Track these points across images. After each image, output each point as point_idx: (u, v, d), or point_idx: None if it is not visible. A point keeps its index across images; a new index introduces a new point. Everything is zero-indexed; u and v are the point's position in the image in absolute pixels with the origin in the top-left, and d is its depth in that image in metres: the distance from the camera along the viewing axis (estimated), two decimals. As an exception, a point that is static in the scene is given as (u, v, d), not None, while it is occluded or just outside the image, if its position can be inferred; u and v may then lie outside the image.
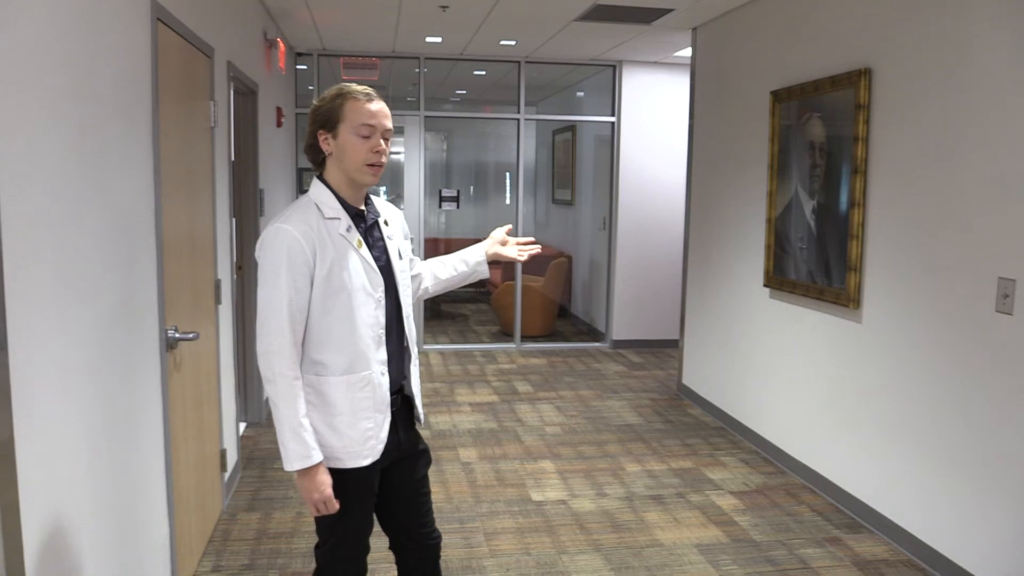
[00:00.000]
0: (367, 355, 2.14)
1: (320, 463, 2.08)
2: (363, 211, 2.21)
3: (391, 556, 2.46)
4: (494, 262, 2.58)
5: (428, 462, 2.41)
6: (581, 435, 5.22)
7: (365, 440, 2.16)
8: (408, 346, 2.29)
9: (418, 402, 2.36)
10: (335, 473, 2.16)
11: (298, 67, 7.61)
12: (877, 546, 3.65)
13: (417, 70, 7.68)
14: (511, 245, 2.58)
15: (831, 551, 3.60)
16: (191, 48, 3.34)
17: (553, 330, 8.60)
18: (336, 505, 2.12)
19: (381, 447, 2.19)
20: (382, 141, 2.13)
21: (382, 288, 2.18)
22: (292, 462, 2.06)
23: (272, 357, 2.04)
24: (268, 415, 5.47)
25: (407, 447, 2.32)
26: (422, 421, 2.38)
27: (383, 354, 2.18)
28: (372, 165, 2.12)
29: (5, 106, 1.64)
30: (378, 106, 2.13)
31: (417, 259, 2.51)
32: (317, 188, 2.17)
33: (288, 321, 2.04)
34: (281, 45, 6.17)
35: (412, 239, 2.49)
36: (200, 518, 3.44)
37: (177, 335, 2.97)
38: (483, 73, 8.49)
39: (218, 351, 3.86)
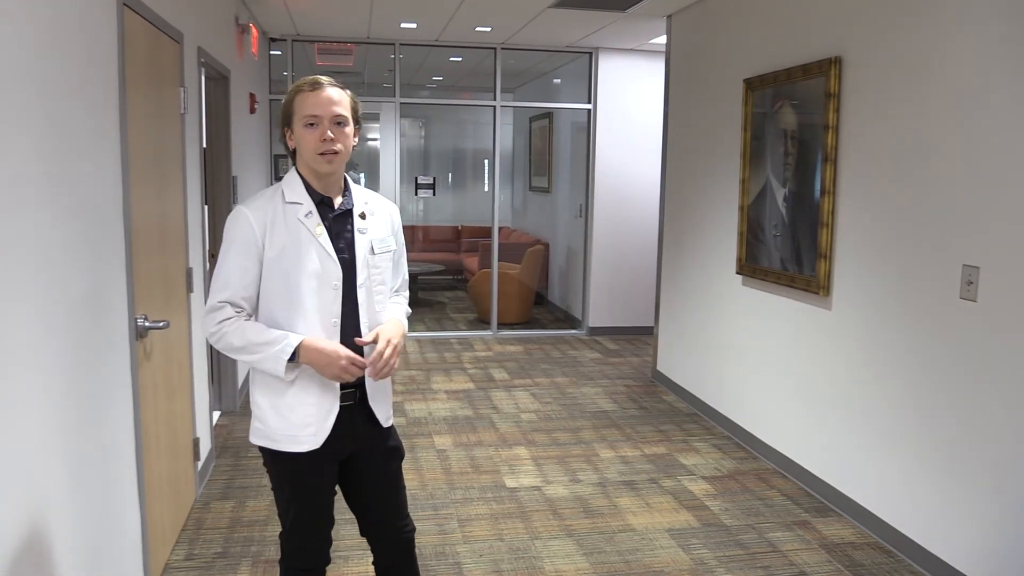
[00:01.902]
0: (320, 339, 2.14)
1: (303, 340, 2.09)
2: (330, 199, 2.21)
3: (366, 543, 2.46)
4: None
5: (398, 457, 2.37)
6: (556, 422, 5.25)
7: (304, 426, 2.17)
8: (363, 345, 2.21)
9: (376, 405, 2.26)
10: (273, 455, 2.21)
11: (272, 52, 7.54)
12: (845, 529, 3.71)
13: (392, 56, 7.64)
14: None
15: (800, 534, 3.66)
16: (159, 33, 3.30)
17: (530, 317, 8.62)
18: (359, 358, 2.12)
19: (322, 437, 2.17)
20: (335, 127, 2.12)
21: (339, 278, 2.17)
22: (280, 364, 2.09)
23: (210, 315, 2.14)
24: (242, 403, 5.45)
25: (368, 442, 2.28)
26: (384, 423, 2.30)
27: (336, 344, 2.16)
28: (324, 153, 2.12)
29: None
30: (322, 94, 2.12)
31: (405, 281, 2.47)
32: (288, 175, 2.23)
33: (228, 294, 2.12)
34: (254, 30, 6.11)
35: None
36: (173, 507, 3.43)
37: (147, 324, 2.95)
38: (459, 59, 8.46)
39: (190, 339, 3.84)
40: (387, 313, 2.31)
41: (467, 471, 4.36)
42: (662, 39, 6.60)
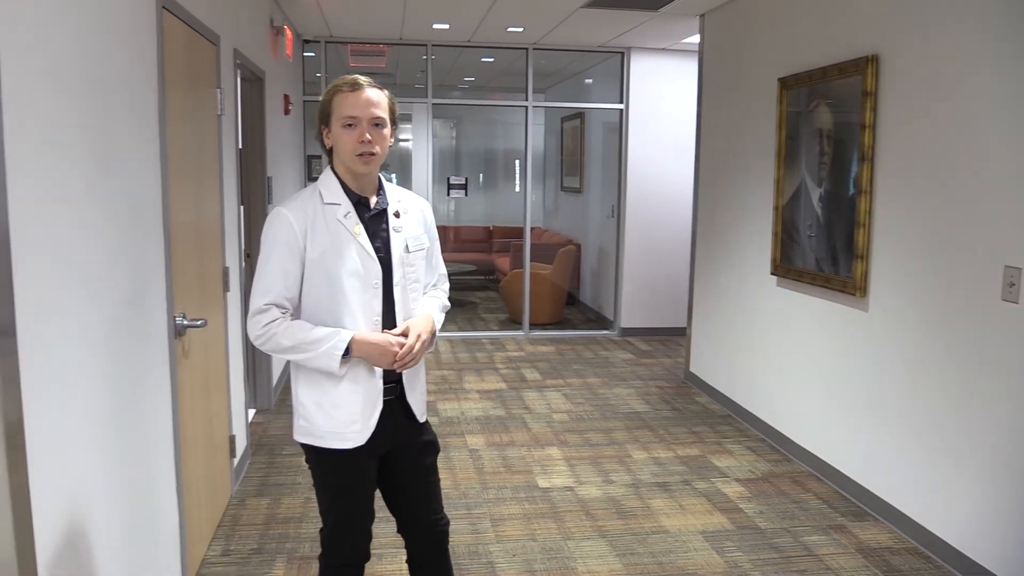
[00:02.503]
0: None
1: (354, 335, 2.12)
2: (367, 199, 2.22)
3: (401, 540, 2.48)
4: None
5: (434, 451, 2.41)
6: (588, 422, 5.24)
7: (350, 423, 2.19)
8: None
9: (413, 400, 2.30)
10: (317, 452, 2.23)
11: (305, 54, 7.61)
12: (882, 534, 3.66)
13: (425, 57, 7.67)
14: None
15: (836, 538, 3.61)
16: (197, 36, 3.35)
17: (561, 318, 8.61)
18: (405, 341, 2.14)
19: (367, 434, 2.20)
20: (372, 129, 2.14)
21: (379, 277, 2.19)
22: (335, 360, 2.11)
23: (255, 318, 2.14)
24: (277, 401, 5.51)
25: (405, 437, 2.31)
26: (419, 420, 2.33)
27: None
28: (361, 155, 2.13)
29: (13, 100, 1.65)
30: (361, 96, 2.13)
31: (442, 275, 2.49)
32: (324, 175, 2.26)
33: (272, 296, 2.14)
34: (288, 32, 6.17)
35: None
36: (209, 503, 3.48)
37: (185, 322, 2.99)
38: (491, 60, 8.47)
39: (226, 338, 3.89)
40: (421, 308, 2.33)
41: (500, 471, 4.37)
42: (695, 38, 6.55)
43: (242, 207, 4.64)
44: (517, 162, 11.50)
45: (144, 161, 2.61)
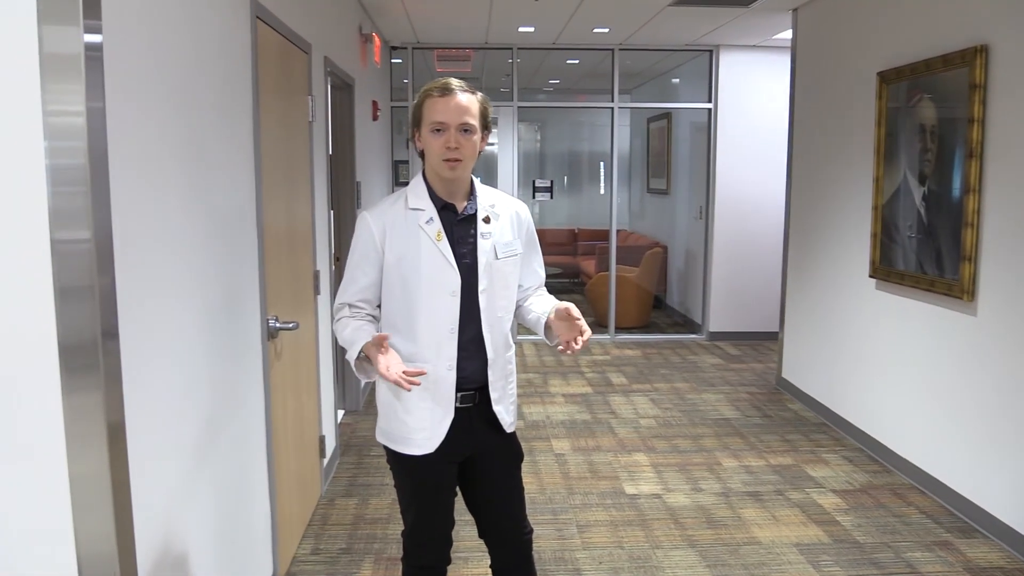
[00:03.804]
0: (433, 348, 2.15)
1: (363, 347, 2.10)
2: (454, 205, 2.21)
3: (485, 545, 2.46)
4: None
5: (517, 461, 2.35)
6: (676, 428, 5.13)
7: (419, 430, 2.20)
8: (487, 350, 2.21)
9: (501, 408, 2.26)
10: (393, 454, 2.27)
11: (393, 60, 7.72)
12: (992, 552, 3.45)
13: (510, 60, 7.69)
14: (571, 325, 2.13)
15: (941, 556, 3.42)
16: (289, 45, 3.42)
17: (648, 321, 8.49)
18: (411, 373, 2.02)
19: (436, 442, 2.19)
20: (460, 135, 2.10)
21: (457, 284, 2.15)
22: (353, 365, 2.19)
23: (334, 314, 2.29)
24: (366, 402, 5.60)
25: (486, 445, 2.28)
26: (507, 428, 2.29)
27: (452, 350, 2.16)
28: (447, 160, 2.12)
29: (116, 111, 1.70)
30: (451, 101, 2.10)
31: (541, 279, 2.44)
32: (414, 180, 2.27)
33: (347, 297, 2.23)
34: (376, 39, 6.27)
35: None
36: (300, 502, 3.55)
37: (278, 325, 3.06)
38: (576, 62, 8.43)
39: (317, 340, 3.96)
40: (540, 304, 2.32)
41: (586, 476, 4.32)
42: (787, 34, 6.36)
43: (332, 212, 4.73)
44: (603, 164, 11.41)
45: (239, 168, 2.68)
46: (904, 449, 4.33)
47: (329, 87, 4.50)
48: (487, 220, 2.23)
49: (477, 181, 2.29)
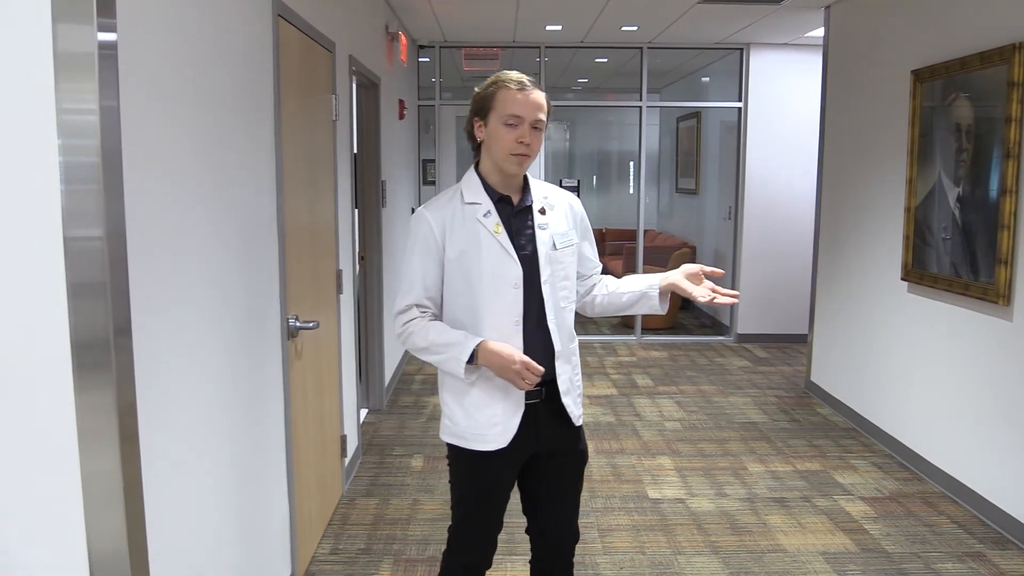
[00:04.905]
0: (499, 342, 2.13)
1: (482, 341, 2.10)
2: (509, 197, 2.20)
3: (524, 545, 2.43)
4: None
5: (582, 461, 2.35)
6: (701, 432, 5.07)
7: (491, 425, 2.17)
8: (553, 341, 2.21)
9: (570, 400, 2.25)
10: (457, 452, 2.23)
11: (420, 59, 7.72)
12: (1027, 564, 3.36)
13: (538, 59, 7.65)
14: (702, 285, 2.32)
15: (973, 567, 3.33)
16: (312, 43, 3.42)
17: (675, 323, 8.41)
18: (534, 364, 2.08)
19: (509, 436, 2.17)
20: (532, 131, 2.12)
21: (519, 276, 2.15)
22: (460, 365, 2.11)
23: (398, 317, 2.21)
24: (389, 402, 5.59)
25: (552, 442, 2.26)
26: (575, 421, 2.28)
27: (519, 343, 2.15)
28: (517, 155, 2.11)
29: (134, 109, 1.70)
30: (530, 96, 2.11)
31: (598, 265, 2.44)
32: (468, 174, 2.25)
33: (413, 297, 2.18)
34: (403, 38, 6.27)
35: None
36: (320, 501, 3.54)
37: (298, 324, 3.05)
38: (604, 60, 8.37)
39: (339, 339, 3.96)
40: (631, 283, 2.35)
41: (608, 479, 4.27)
42: (819, 31, 6.25)
43: (356, 210, 4.73)
44: (631, 163, 11.33)
45: (260, 166, 2.67)
46: (936, 456, 4.23)
47: (354, 85, 4.50)
48: (543, 211, 2.24)
49: (528, 174, 2.28)
